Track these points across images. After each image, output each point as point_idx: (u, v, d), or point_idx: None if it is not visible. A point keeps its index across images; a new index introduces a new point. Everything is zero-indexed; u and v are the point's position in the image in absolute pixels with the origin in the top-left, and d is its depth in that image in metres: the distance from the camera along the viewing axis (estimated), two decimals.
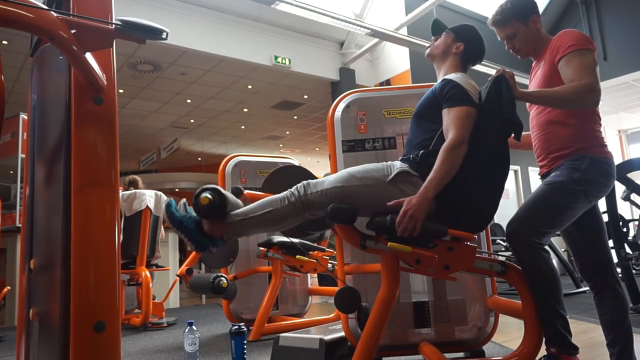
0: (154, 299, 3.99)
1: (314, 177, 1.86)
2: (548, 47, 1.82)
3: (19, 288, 1.53)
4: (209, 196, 1.57)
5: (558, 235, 1.86)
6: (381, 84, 7.76)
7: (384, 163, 1.73)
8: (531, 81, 1.95)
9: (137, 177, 4.44)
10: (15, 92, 7.39)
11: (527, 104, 1.88)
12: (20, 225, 4.35)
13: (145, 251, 3.98)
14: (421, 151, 1.70)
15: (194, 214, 1.63)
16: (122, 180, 4.57)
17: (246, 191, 1.93)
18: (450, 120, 1.66)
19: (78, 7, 1.24)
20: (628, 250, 4.05)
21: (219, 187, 1.63)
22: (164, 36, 1.17)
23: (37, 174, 1.46)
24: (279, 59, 6.89)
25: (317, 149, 12.88)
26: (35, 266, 1.41)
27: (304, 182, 1.68)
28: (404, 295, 2.17)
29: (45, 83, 1.48)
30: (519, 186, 8.73)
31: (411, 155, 1.73)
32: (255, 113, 9.59)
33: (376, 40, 7.05)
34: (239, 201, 1.69)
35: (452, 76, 1.75)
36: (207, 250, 1.63)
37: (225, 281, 2.88)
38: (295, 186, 1.68)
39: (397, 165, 1.69)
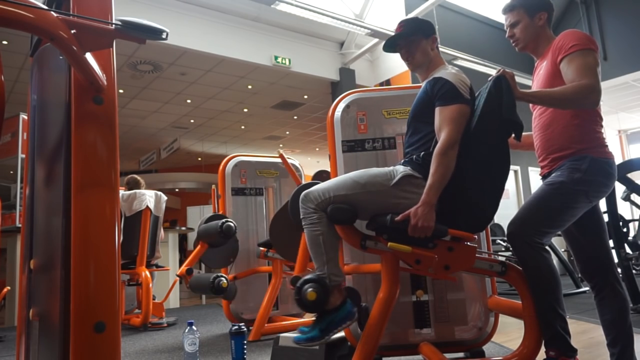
0: (154, 299, 3.99)
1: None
2: (551, 46, 1.81)
3: (19, 288, 1.53)
4: (311, 289, 1.59)
5: (558, 235, 1.86)
6: (381, 84, 7.76)
7: (387, 168, 1.75)
8: (534, 80, 1.95)
9: (139, 178, 4.42)
10: (15, 92, 7.38)
11: (530, 104, 1.88)
12: (20, 225, 4.35)
13: (145, 251, 3.98)
14: (422, 152, 1.71)
15: (318, 326, 1.63)
16: (122, 180, 4.56)
17: (295, 272, 1.97)
18: (442, 119, 1.67)
19: (78, 7, 1.24)
20: (628, 250, 4.05)
21: (305, 277, 1.64)
22: (164, 36, 1.17)
23: (37, 174, 1.46)
24: (279, 59, 6.89)
25: (317, 149, 12.88)
26: (35, 266, 1.41)
27: (301, 198, 1.69)
28: (404, 296, 2.17)
29: (45, 83, 1.48)
30: (519, 186, 8.72)
31: (413, 157, 1.73)
32: (255, 113, 9.59)
33: (376, 40, 7.04)
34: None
35: (442, 73, 1.76)
36: (353, 316, 1.66)
37: (225, 281, 2.87)
38: (301, 209, 1.69)
39: (401, 169, 1.70)
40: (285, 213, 2.44)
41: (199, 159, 13.53)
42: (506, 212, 2.91)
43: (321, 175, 3.05)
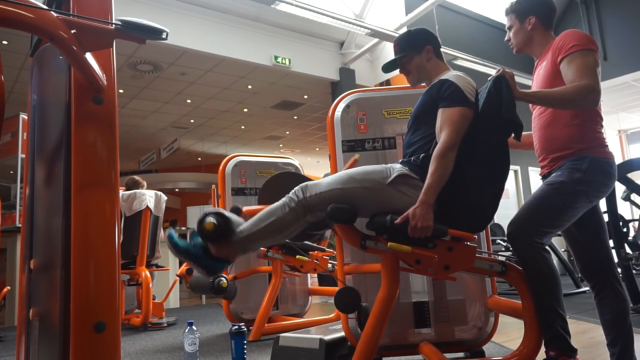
0: (154, 299, 3.99)
1: (308, 180, 1.84)
2: (551, 46, 1.82)
3: (19, 288, 1.53)
4: (214, 220, 1.56)
5: (559, 235, 1.86)
6: (381, 84, 7.75)
7: (384, 165, 1.74)
8: (534, 80, 1.95)
9: (139, 179, 4.41)
10: (15, 92, 7.39)
11: (530, 104, 1.89)
12: (20, 225, 4.35)
13: (145, 251, 3.98)
14: (422, 154, 1.71)
15: (199, 240, 1.60)
16: (122, 181, 4.55)
17: (244, 208, 1.93)
18: (444, 120, 1.67)
19: (78, 7, 1.24)
20: (628, 250, 4.05)
21: (222, 210, 1.61)
22: (164, 36, 1.17)
23: (37, 174, 1.46)
24: (279, 59, 6.89)
25: (317, 149, 12.88)
26: (35, 266, 1.41)
27: (301, 185, 1.67)
28: (404, 295, 2.17)
29: (45, 83, 1.48)
30: (519, 186, 8.73)
31: (412, 158, 1.73)
32: (255, 113, 9.59)
33: (376, 40, 7.05)
34: (241, 219, 1.66)
35: (448, 75, 1.76)
36: (216, 273, 1.62)
37: (225, 281, 2.87)
38: (292, 191, 1.66)
39: (397, 167, 1.70)
40: (282, 179, 2.40)
41: (199, 159, 13.54)
42: (506, 212, 2.91)
43: None
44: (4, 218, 4.44)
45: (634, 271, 3.80)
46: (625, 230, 4.40)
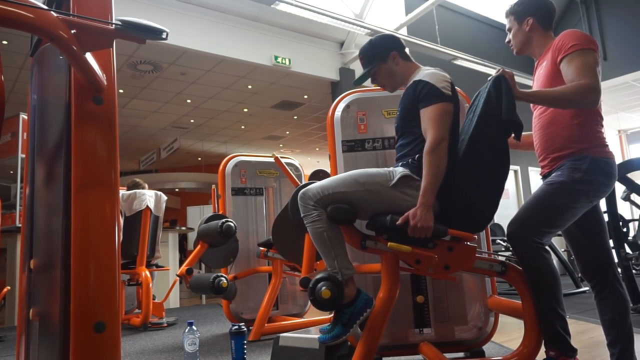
0: (154, 299, 3.99)
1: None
2: (551, 46, 1.82)
3: (19, 288, 1.53)
4: (327, 288, 1.59)
5: (559, 235, 1.86)
6: None
7: (386, 169, 1.75)
8: (534, 80, 1.95)
9: (139, 180, 4.40)
10: (15, 92, 7.38)
11: (531, 104, 1.89)
12: (20, 225, 4.35)
13: (145, 251, 3.98)
14: (417, 155, 1.72)
15: (339, 322, 1.64)
16: (123, 182, 4.53)
17: (315, 272, 2.01)
18: (427, 120, 1.69)
19: (78, 7, 1.24)
20: (628, 250, 4.05)
21: (321, 275, 1.64)
22: (164, 36, 1.17)
23: (37, 174, 1.46)
24: (279, 59, 6.89)
25: (317, 149, 12.88)
26: (35, 266, 1.41)
27: (302, 193, 1.69)
28: (404, 296, 2.17)
29: (45, 83, 1.48)
30: (519, 186, 8.73)
31: (409, 160, 1.73)
32: (255, 113, 9.59)
33: None
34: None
35: (421, 75, 1.78)
36: (371, 301, 1.67)
37: (225, 281, 2.87)
38: (301, 206, 1.68)
39: (399, 170, 1.71)
40: (286, 214, 2.43)
41: (199, 158, 13.53)
42: (506, 212, 2.91)
43: (318, 175, 3.05)
44: (4, 218, 4.44)
45: (634, 271, 3.80)
46: (625, 230, 4.40)
